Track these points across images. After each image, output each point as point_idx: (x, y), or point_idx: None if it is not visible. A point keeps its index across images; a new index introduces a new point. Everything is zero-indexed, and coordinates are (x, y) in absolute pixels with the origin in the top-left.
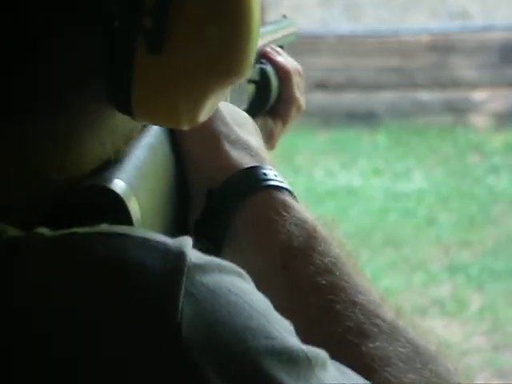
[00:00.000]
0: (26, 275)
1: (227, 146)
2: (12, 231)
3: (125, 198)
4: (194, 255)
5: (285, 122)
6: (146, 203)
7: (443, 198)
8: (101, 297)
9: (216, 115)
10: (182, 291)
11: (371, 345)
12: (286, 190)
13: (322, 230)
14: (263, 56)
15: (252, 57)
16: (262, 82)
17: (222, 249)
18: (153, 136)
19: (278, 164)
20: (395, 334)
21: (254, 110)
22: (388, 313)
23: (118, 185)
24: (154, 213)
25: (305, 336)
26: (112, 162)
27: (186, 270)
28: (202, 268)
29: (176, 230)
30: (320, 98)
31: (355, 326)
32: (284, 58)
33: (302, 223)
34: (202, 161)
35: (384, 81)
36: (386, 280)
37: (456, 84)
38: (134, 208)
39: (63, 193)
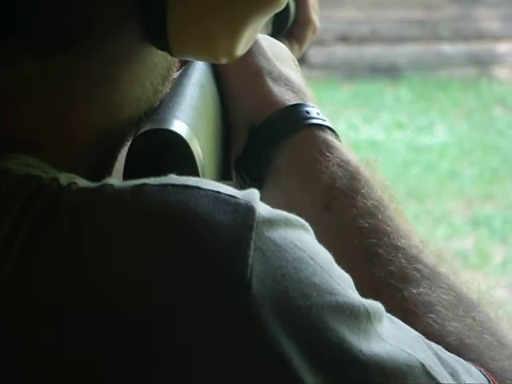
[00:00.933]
0: (99, 228)
1: (270, 82)
2: (82, 182)
3: (188, 141)
4: (263, 209)
5: (301, 44)
6: (204, 144)
7: (466, 151)
8: (175, 252)
9: (257, 50)
10: (252, 247)
11: (414, 290)
12: (329, 128)
13: (365, 171)
14: None
15: None
16: None
17: (263, 185)
18: (200, 73)
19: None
20: (437, 280)
21: (273, 32)
22: (430, 258)
23: (181, 127)
24: (210, 153)
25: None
26: (167, 102)
27: (255, 225)
28: (270, 222)
29: (224, 169)
30: (343, 51)
31: (398, 270)
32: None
33: (345, 164)
34: (245, 97)
35: (407, 33)
36: None
37: (480, 36)
38: (197, 150)
39: (111, 136)
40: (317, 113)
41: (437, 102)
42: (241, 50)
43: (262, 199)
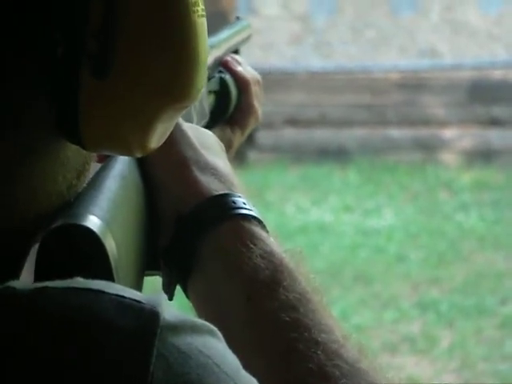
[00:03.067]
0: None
1: (196, 172)
2: None
3: (101, 236)
4: (169, 314)
5: (243, 131)
6: (121, 237)
7: (413, 234)
8: (73, 358)
9: (183, 139)
10: (155, 353)
11: None
12: (255, 218)
13: (289, 263)
14: (223, 66)
15: (201, 81)
16: (221, 92)
17: (190, 276)
18: (122, 164)
19: (250, 200)
20: (357, 377)
21: (214, 119)
22: (350, 353)
23: (94, 222)
24: (128, 246)
25: (266, 377)
26: (83, 196)
27: (158, 331)
28: (175, 328)
29: (147, 260)
30: (291, 134)
31: (317, 368)
32: (243, 68)
33: (268, 256)
34: (172, 187)
35: (355, 117)
36: (357, 317)
37: (426, 121)
38: (111, 245)
39: (16, 233)
40: (243, 203)
41: (384, 186)
42: (154, 143)
43: (190, 290)
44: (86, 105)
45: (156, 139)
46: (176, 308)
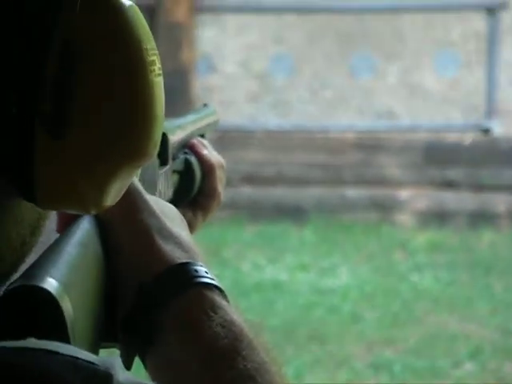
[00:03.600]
0: None
1: (159, 240)
2: None
3: (58, 298)
4: (123, 377)
5: (205, 214)
6: (78, 301)
7: (368, 294)
8: None
9: (146, 208)
10: None
11: None
12: (217, 287)
13: (249, 333)
14: (189, 148)
15: (157, 139)
16: (186, 173)
17: (150, 345)
18: (83, 232)
19: (206, 257)
20: None
21: (177, 199)
22: None
23: (52, 284)
24: (86, 310)
25: None
26: (43, 259)
27: None
28: None
29: (106, 328)
30: (248, 192)
31: None
32: (209, 152)
33: (228, 324)
34: (134, 255)
35: (311, 176)
36: (311, 376)
37: (381, 182)
38: (68, 307)
39: None
40: (205, 272)
41: (340, 245)
42: (110, 201)
43: (149, 358)
44: (42, 163)
45: (112, 197)
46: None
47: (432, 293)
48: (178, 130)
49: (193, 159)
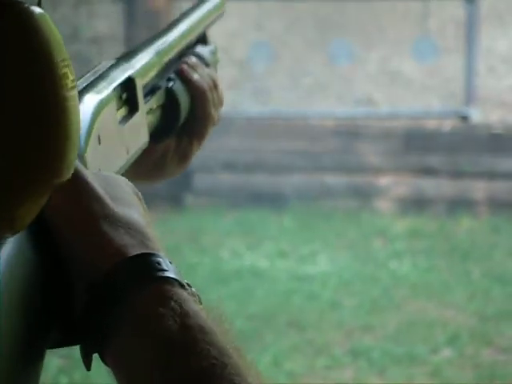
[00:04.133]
0: None
1: (105, 229)
2: None
3: None
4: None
5: (200, 139)
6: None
7: (347, 281)
8: None
9: (87, 192)
10: None
11: None
12: (176, 280)
13: (211, 324)
14: (178, 74)
15: (72, 156)
16: (169, 105)
17: (105, 346)
18: (13, 244)
19: (185, 244)
20: None
21: (162, 133)
22: None
23: None
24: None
25: None
26: None
27: None
28: None
29: (66, 329)
30: (228, 178)
31: None
32: (200, 75)
33: (188, 318)
34: (79, 251)
35: (291, 163)
36: (289, 363)
37: (361, 169)
38: None
39: None
40: (158, 263)
41: (319, 232)
42: (25, 220)
43: (106, 358)
44: None
45: (26, 216)
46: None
47: (410, 279)
48: (152, 66)
49: (176, 87)
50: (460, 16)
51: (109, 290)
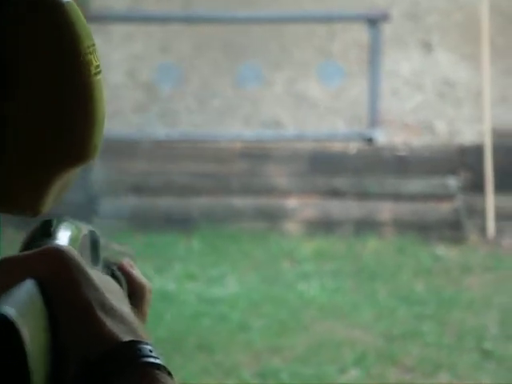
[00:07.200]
0: None
1: (101, 315)
2: None
3: (18, 324)
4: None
5: (144, 309)
6: (34, 337)
7: (255, 303)
8: None
9: (87, 282)
10: None
11: None
12: (163, 366)
13: None
14: (119, 268)
15: (99, 139)
16: None
17: None
18: (28, 290)
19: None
20: None
21: None
22: None
23: (10, 311)
24: (39, 352)
25: None
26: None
27: None
28: None
29: None
30: (136, 202)
31: None
32: (138, 273)
33: None
34: (76, 330)
35: (199, 186)
36: None
37: (269, 191)
38: (26, 335)
39: None
40: (150, 350)
41: (228, 254)
42: (47, 205)
43: None
44: None
45: (49, 200)
46: None
47: (318, 300)
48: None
49: (120, 276)
50: (363, 39)
51: (102, 370)
